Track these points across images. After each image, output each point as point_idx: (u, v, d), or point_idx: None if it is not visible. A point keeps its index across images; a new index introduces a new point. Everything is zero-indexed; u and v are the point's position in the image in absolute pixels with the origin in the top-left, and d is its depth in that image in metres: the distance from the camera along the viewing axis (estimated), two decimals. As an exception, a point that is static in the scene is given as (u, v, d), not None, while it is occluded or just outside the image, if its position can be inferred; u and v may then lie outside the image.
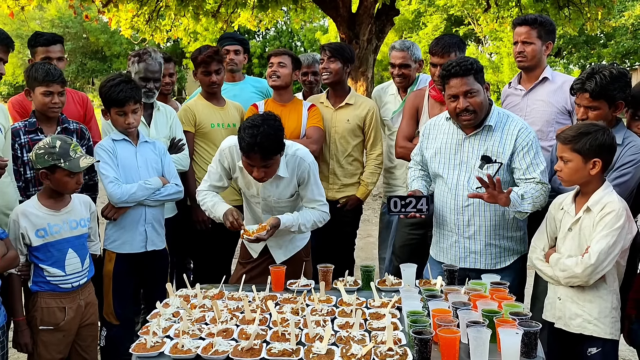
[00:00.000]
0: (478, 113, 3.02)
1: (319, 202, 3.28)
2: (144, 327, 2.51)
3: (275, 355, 2.22)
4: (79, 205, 3.06)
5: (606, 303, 2.70)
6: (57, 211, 2.96)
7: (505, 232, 3.13)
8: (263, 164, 2.94)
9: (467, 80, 2.98)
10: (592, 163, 2.66)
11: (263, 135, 2.85)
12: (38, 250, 2.91)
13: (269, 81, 4.09)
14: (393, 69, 4.33)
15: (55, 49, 3.93)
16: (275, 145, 2.93)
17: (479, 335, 2.16)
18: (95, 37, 34.77)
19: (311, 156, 3.23)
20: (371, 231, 7.66)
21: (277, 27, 32.52)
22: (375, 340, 2.32)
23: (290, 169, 3.16)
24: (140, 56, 3.81)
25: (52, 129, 3.44)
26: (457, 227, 3.16)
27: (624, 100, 2.96)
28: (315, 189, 3.25)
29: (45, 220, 2.91)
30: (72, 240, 2.98)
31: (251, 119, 2.94)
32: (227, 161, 3.24)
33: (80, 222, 3.03)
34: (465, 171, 3.11)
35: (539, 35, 3.61)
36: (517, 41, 3.68)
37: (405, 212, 3.08)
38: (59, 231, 2.94)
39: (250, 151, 2.89)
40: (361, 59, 11.62)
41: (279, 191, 3.21)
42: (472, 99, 3.00)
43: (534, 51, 3.63)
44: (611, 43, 25.89)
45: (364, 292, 2.95)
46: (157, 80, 3.85)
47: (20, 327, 2.92)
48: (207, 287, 3.05)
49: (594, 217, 2.67)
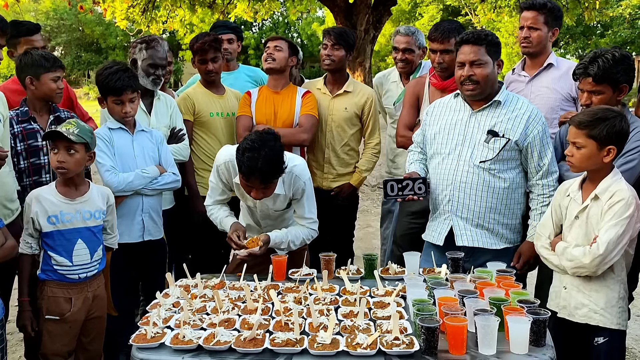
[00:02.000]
0: (481, 84, 3.00)
1: (309, 220, 3.24)
2: (143, 318, 2.46)
3: (279, 345, 2.18)
4: (96, 196, 3.01)
5: (613, 293, 2.64)
6: (72, 200, 2.92)
7: (500, 218, 3.09)
8: (263, 186, 2.90)
9: (477, 50, 2.98)
10: (606, 150, 2.57)
11: (264, 160, 2.78)
12: (47, 236, 2.88)
13: (264, 64, 4.02)
14: (397, 54, 4.27)
15: (37, 37, 3.88)
16: (277, 169, 2.87)
17: (487, 323, 2.12)
18: (90, 29, 34.56)
19: (307, 173, 3.18)
20: (370, 222, 7.62)
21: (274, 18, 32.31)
22: (381, 329, 2.27)
23: (287, 186, 3.11)
24: (148, 43, 3.75)
25: (45, 117, 3.39)
26: (451, 205, 3.11)
27: (628, 83, 2.90)
28: (307, 206, 3.20)
29: (58, 208, 2.88)
30: (83, 230, 2.94)
31: (250, 140, 2.85)
32: (224, 177, 3.19)
33: (94, 214, 2.98)
34: (468, 146, 3.08)
35: (545, 21, 3.55)
36: (524, 26, 3.62)
37: (402, 196, 3.04)
38: (70, 220, 2.90)
39: (250, 175, 2.83)
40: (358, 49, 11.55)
41: (275, 205, 3.19)
42: (478, 69, 2.98)
43: (540, 37, 3.57)
44: (608, 33, 25.83)
45: (367, 281, 2.91)
46: (164, 67, 3.79)
47: (23, 308, 2.92)
48: (207, 277, 3.00)
49: (602, 205, 2.59)
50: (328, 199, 4.06)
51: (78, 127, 2.86)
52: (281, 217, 3.31)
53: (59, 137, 2.81)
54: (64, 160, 2.83)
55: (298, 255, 3.21)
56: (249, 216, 3.40)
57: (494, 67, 3.01)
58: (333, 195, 4.14)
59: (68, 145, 2.82)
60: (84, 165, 2.95)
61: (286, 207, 3.23)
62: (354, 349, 2.13)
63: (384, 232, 4.65)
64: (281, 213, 3.27)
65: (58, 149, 2.83)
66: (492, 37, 3.03)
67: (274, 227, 3.23)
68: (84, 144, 2.86)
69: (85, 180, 3.05)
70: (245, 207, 3.41)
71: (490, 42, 3.01)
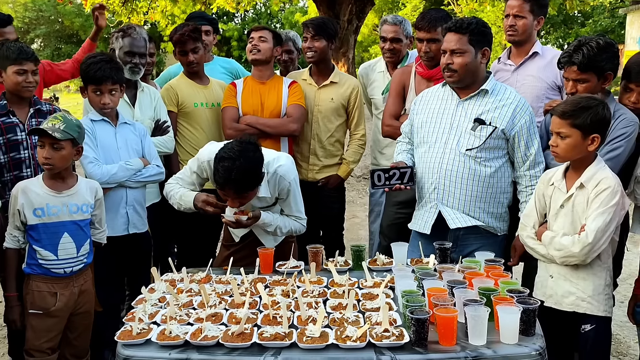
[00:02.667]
0: (459, 73, 3.01)
1: (297, 218, 3.22)
2: (129, 314, 2.42)
3: (268, 339, 2.15)
4: (84, 190, 2.97)
5: (600, 280, 2.66)
6: (59, 193, 2.88)
7: (485, 206, 3.09)
8: (238, 197, 2.85)
9: (459, 38, 2.99)
10: (591, 139, 2.57)
11: (238, 171, 2.72)
12: (33, 229, 2.85)
13: (249, 55, 3.96)
14: (384, 43, 4.24)
15: (10, 29, 3.82)
16: (252, 181, 2.81)
17: (477, 313, 2.11)
18: (70, 20, 34.00)
19: (293, 172, 3.13)
20: (356, 212, 7.62)
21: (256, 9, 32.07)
22: (370, 321, 2.26)
23: (272, 187, 3.07)
24: (125, 31, 3.69)
25: (24, 110, 3.29)
26: (437, 193, 3.10)
27: (613, 70, 2.91)
28: (294, 205, 3.17)
29: (44, 200, 2.84)
30: (69, 224, 2.90)
31: (228, 149, 2.79)
32: (206, 174, 3.13)
33: (81, 207, 2.94)
34: (455, 135, 3.07)
35: (531, 9, 3.55)
36: (509, 14, 3.60)
37: (390, 185, 3.03)
38: (56, 213, 2.86)
39: (224, 186, 2.79)
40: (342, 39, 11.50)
41: (260, 204, 3.15)
42: (458, 58, 2.99)
43: (525, 25, 3.57)
44: (589, 22, 26.03)
45: (355, 273, 2.89)
46: (142, 55, 3.72)
47: (10, 303, 2.90)
48: (193, 271, 2.96)
49: (588, 194, 2.60)
50: (315, 191, 4.03)
51: (65, 122, 2.80)
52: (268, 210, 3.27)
53: (43, 134, 2.76)
54: (50, 156, 2.78)
55: (285, 248, 3.18)
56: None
57: (476, 56, 3.00)
58: (320, 187, 4.11)
59: (53, 141, 2.77)
60: (70, 160, 2.90)
61: (273, 204, 3.20)
62: (343, 342, 2.11)
63: (371, 227, 4.63)
64: (267, 208, 3.23)
65: (44, 144, 2.78)
66: (477, 26, 3.00)
67: None
68: (70, 139, 2.80)
69: (74, 174, 3.00)
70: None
71: (474, 31, 2.98)
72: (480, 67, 3.05)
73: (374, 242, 4.48)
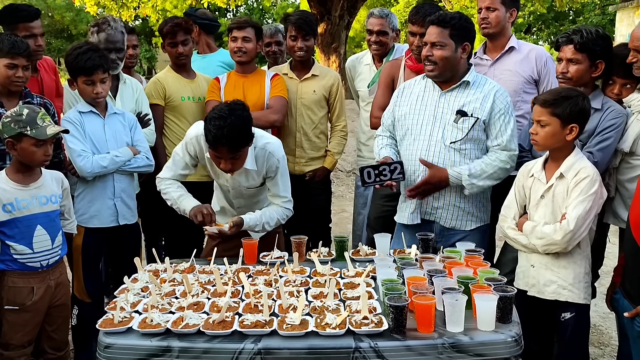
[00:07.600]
0: (439, 65, 3.04)
1: (283, 199, 3.23)
2: (111, 303, 2.43)
3: (248, 327, 2.16)
4: (50, 181, 2.95)
5: (580, 268, 2.71)
6: (26, 186, 2.85)
7: (469, 197, 3.11)
8: (231, 156, 2.87)
9: (440, 32, 3.01)
10: (569, 128, 2.64)
11: (230, 127, 2.77)
12: (4, 225, 2.81)
13: (234, 57, 3.96)
14: (370, 36, 4.26)
15: (37, 24, 3.64)
16: (244, 137, 2.86)
17: (454, 301, 2.14)
18: (60, 15, 33.79)
19: (281, 151, 3.16)
20: (345, 207, 7.64)
21: (248, 4, 31.99)
22: (350, 309, 2.28)
23: (260, 163, 3.09)
24: (99, 26, 3.63)
25: (14, 103, 3.27)
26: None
27: (604, 60, 2.97)
28: (281, 184, 3.19)
29: (12, 195, 2.81)
30: (41, 216, 2.88)
31: (218, 110, 2.85)
32: (195, 149, 3.14)
33: (50, 198, 2.92)
34: (439, 127, 3.10)
35: (503, 2, 3.58)
36: (481, 8, 3.64)
37: (381, 182, 3.04)
38: (27, 206, 2.83)
39: (217, 144, 2.82)
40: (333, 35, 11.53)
41: (248, 181, 3.17)
42: (438, 51, 3.02)
43: (498, 17, 3.59)
44: (580, 19, 26.16)
45: (338, 263, 2.91)
46: (119, 50, 3.67)
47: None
48: (177, 261, 2.97)
49: (568, 183, 2.65)
50: (302, 184, 4.05)
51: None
52: (255, 197, 3.29)
53: None
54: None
55: (270, 238, 3.19)
56: (222, 197, 3.37)
57: (456, 50, 3.03)
58: (307, 180, 4.14)
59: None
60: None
61: (260, 185, 3.21)
62: (323, 329, 2.13)
63: (357, 218, 4.66)
64: (254, 192, 3.24)
65: None
66: (459, 21, 3.03)
67: (248, 209, 3.21)
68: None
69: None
70: (218, 188, 3.38)
71: (456, 25, 3.01)
72: (461, 61, 3.08)
73: (360, 233, 4.51)
